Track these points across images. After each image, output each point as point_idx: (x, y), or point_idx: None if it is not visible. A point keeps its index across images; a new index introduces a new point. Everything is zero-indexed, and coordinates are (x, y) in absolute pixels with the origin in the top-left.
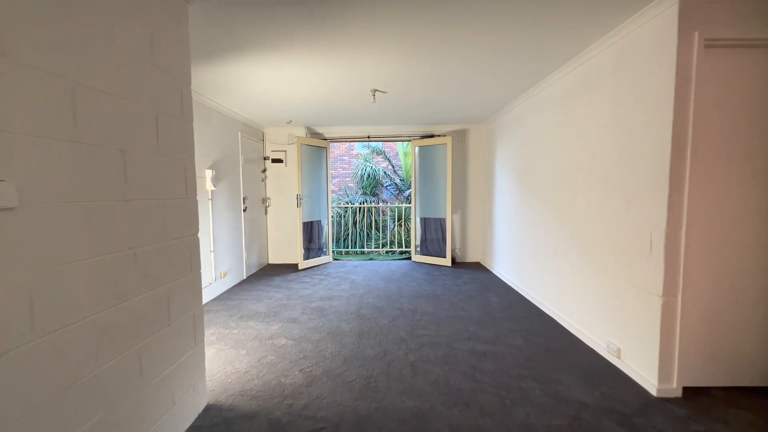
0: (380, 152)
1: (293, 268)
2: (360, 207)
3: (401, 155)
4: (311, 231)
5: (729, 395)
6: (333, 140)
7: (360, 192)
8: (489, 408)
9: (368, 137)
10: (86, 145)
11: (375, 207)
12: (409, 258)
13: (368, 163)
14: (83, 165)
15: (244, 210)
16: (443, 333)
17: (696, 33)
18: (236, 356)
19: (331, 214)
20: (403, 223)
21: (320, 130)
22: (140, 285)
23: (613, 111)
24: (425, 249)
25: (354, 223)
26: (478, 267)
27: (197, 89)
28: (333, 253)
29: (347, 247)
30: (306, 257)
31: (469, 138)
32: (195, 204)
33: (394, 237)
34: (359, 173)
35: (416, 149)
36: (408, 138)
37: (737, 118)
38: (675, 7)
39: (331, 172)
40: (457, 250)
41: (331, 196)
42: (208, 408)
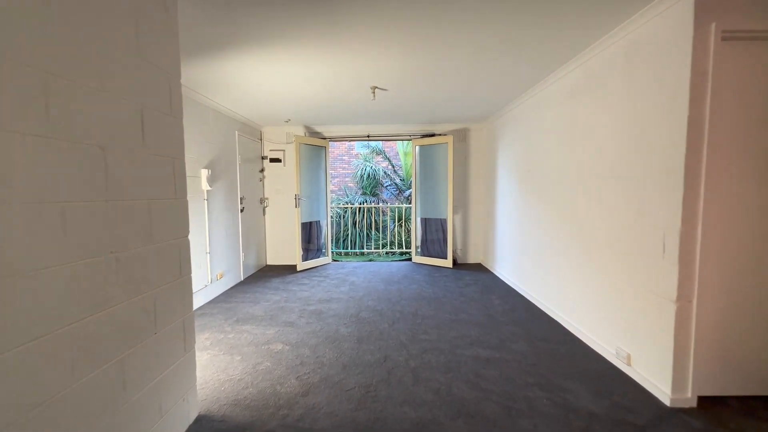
0: (380, 152)
1: (292, 270)
2: (360, 207)
3: (401, 155)
4: (310, 232)
5: (746, 405)
6: (332, 139)
7: (360, 192)
8: (494, 419)
9: (368, 136)
10: (61, 141)
11: (375, 207)
12: (410, 259)
13: (368, 163)
14: (57, 162)
15: (242, 210)
16: (445, 337)
17: (713, 25)
18: (230, 362)
19: (331, 215)
20: (404, 224)
21: (319, 129)
22: (123, 291)
23: (623, 107)
24: (426, 250)
25: (354, 224)
26: (480, 268)
27: (192, 87)
28: (332, 254)
29: (347, 248)
30: (305, 258)
31: (471, 137)
32: (185, 205)
33: (395, 238)
34: (359, 173)
35: (417, 149)
36: (408, 137)
37: (756, 114)
38: None
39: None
40: (458, 251)
41: (331, 196)
42: (199, 419)
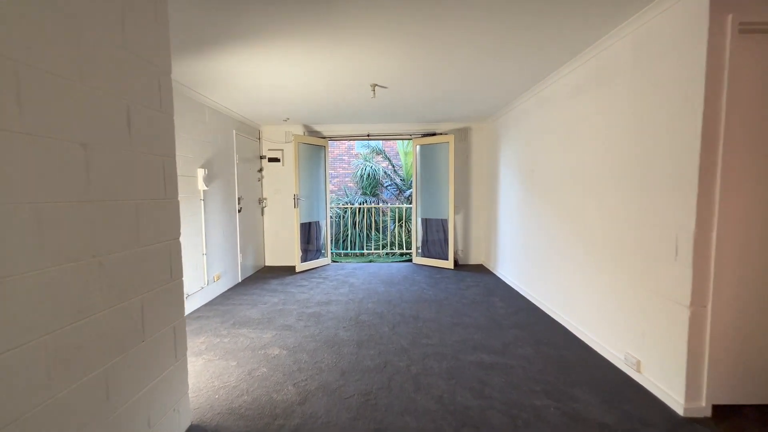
0: (380, 152)
1: (290, 271)
2: (360, 207)
3: (401, 155)
4: (309, 232)
5: (763, 414)
6: (331, 139)
7: (360, 192)
8: (500, 429)
9: (368, 135)
10: (35, 137)
11: (375, 207)
12: (410, 260)
13: (368, 163)
14: (32, 160)
15: (239, 211)
16: (447, 342)
17: (729, 16)
18: (226, 368)
19: (330, 215)
20: (404, 224)
21: (318, 129)
22: (107, 298)
23: (632, 104)
24: (427, 251)
25: (353, 224)
26: (481, 270)
27: (188, 84)
28: (332, 255)
29: (346, 249)
30: (304, 259)
31: (472, 136)
32: (176, 205)
33: (395, 238)
34: (359, 173)
35: (417, 148)
36: (409, 136)
37: None
38: None
39: (331, 172)
40: (460, 252)
41: (330, 197)
42: (192, 429)
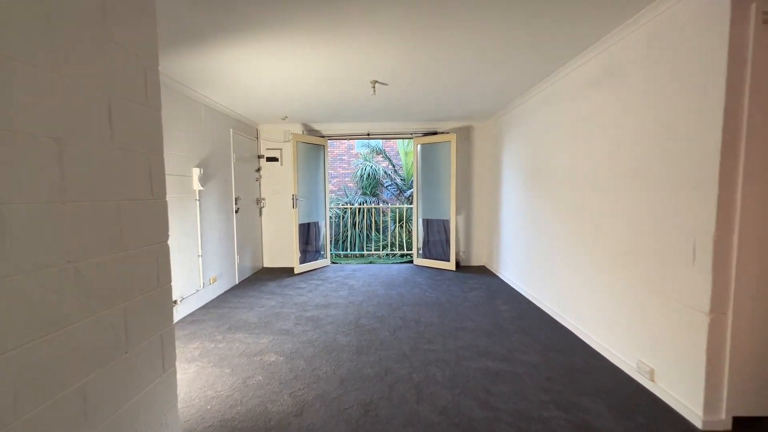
0: (380, 151)
1: (289, 272)
2: (360, 208)
3: (402, 154)
4: (308, 233)
5: None
6: (331, 138)
7: (359, 192)
8: None
9: (368, 134)
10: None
11: (375, 208)
12: (411, 261)
13: (368, 163)
14: None
15: (237, 211)
16: (450, 347)
17: (753, 5)
18: (219, 376)
19: (330, 215)
20: (405, 225)
21: (318, 127)
22: (84, 307)
23: (644, 101)
24: (428, 252)
25: (353, 225)
26: (484, 271)
27: (182, 81)
28: (331, 256)
29: (346, 250)
30: (302, 261)
31: (475, 135)
32: (164, 206)
33: (395, 239)
34: (359, 173)
35: (418, 147)
36: (409, 135)
37: None
38: None
39: (330, 172)
40: (462, 254)
41: (330, 197)
42: None
